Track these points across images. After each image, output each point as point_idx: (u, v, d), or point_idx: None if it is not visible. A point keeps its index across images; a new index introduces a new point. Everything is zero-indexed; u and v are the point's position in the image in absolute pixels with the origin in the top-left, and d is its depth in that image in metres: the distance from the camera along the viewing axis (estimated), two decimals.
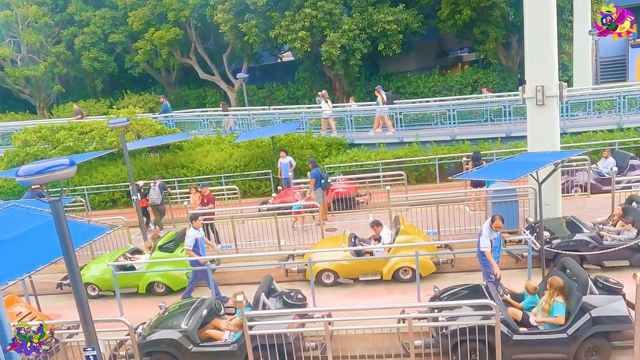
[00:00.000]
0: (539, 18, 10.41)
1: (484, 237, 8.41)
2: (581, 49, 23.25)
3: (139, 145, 18.27)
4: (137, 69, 28.69)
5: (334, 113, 19.83)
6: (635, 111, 17.38)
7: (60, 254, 5.62)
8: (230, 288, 10.29)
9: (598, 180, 13.86)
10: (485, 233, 8.44)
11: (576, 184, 13.97)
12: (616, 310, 6.81)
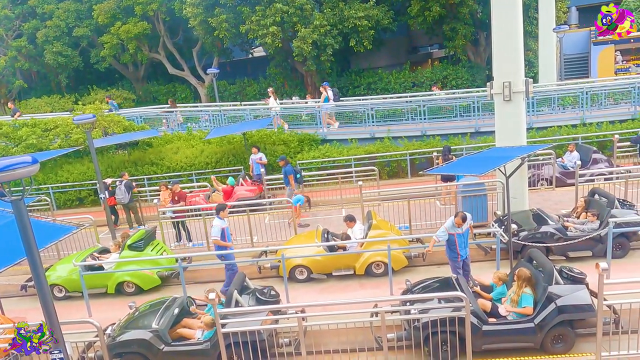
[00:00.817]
0: (505, 16, 10.61)
1: (442, 228, 8.73)
2: (546, 46, 23.88)
3: (106, 142, 17.81)
4: (104, 64, 27.96)
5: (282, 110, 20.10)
6: (597, 107, 17.97)
7: (23, 255, 5.44)
8: (203, 286, 10.16)
9: (563, 174, 14.29)
10: (445, 225, 8.71)
11: (542, 177, 14.37)
12: (580, 299, 7.04)
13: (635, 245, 9.87)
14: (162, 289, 10.79)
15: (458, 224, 8.59)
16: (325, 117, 19.02)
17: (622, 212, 9.77)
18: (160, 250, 11.36)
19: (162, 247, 11.63)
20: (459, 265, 8.70)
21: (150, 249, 11.17)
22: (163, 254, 11.28)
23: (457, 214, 8.70)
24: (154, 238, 11.69)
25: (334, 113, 19.22)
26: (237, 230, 12.59)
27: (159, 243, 11.71)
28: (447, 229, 8.63)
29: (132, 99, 28.52)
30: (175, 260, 11.06)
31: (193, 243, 13.01)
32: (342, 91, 25.58)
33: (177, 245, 12.98)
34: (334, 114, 19.19)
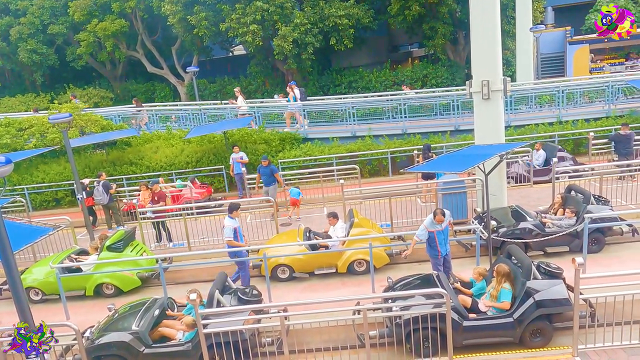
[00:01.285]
0: (483, 15, 10.74)
1: (421, 227, 8.81)
2: (523, 45, 24.28)
3: (83, 141, 17.47)
4: (80, 62, 27.44)
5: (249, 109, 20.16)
6: (572, 105, 18.34)
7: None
8: (184, 287, 10.07)
9: (529, 172, 14.48)
10: (424, 224, 8.79)
11: (509, 175, 14.49)
12: (557, 293, 7.18)
13: (610, 240, 10.11)
14: (142, 290, 10.64)
15: (439, 221, 8.67)
16: (291, 116, 19.10)
17: (597, 208, 10.00)
18: (140, 251, 11.21)
19: (142, 247, 11.49)
20: (440, 262, 8.79)
21: (130, 250, 11.01)
22: (143, 254, 11.13)
23: (436, 211, 8.78)
24: (133, 239, 11.53)
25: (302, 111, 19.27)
26: (219, 230, 12.49)
27: (138, 244, 11.56)
28: (427, 227, 8.71)
29: (110, 97, 28.05)
30: (155, 261, 10.94)
31: (173, 243, 12.87)
32: (323, 90, 25.61)
33: (158, 246, 12.82)
34: (301, 112, 19.24)
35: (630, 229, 10.00)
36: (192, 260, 11.29)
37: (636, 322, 6.76)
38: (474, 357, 7.01)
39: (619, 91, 18.08)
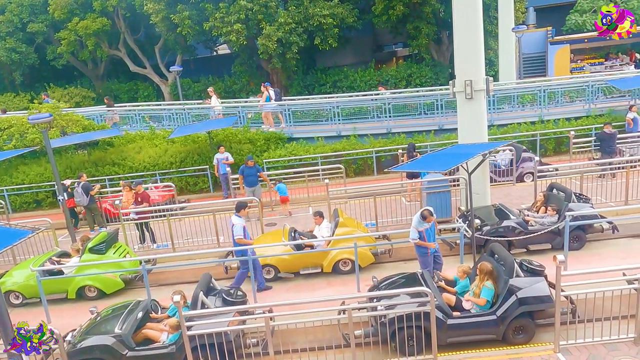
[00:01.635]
0: (466, 15, 10.83)
1: (412, 230, 8.78)
2: (506, 45, 24.55)
3: (64, 142, 17.21)
4: (61, 61, 27.01)
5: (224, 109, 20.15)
6: (554, 104, 18.61)
7: None
8: (168, 288, 9.98)
9: (494, 172, 14.55)
10: (413, 225, 8.78)
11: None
12: (539, 290, 7.26)
13: (591, 238, 10.27)
14: (126, 293, 10.51)
15: (429, 220, 8.72)
16: (270, 116, 19.14)
17: (578, 206, 10.15)
18: (123, 253, 11.07)
19: (125, 249, 11.34)
20: (430, 261, 8.82)
21: (113, 252, 10.87)
22: (126, 256, 10.99)
23: (424, 213, 8.79)
24: (116, 240, 11.38)
25: (278, 111, 19.34)
26: (203, 231, 12.41)
27: (121, 245, 11.41)
28: (417, 228, 8.73)
29: (92, 97, 27.66)
30: (139, 263, 10.80)
31: (157, 244, 12.74)
32: (308, 89, 25.60)
33: (141, 247, 12.68)
34: (278, 112, 19.28)
35: (610, 226, 10.18)
36: (176, 261, 11.19)
37: (615, 318, 6.88)
38: (458, 354, 7.07)
39: (598, 91, 18.40)
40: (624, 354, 6.61)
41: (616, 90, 18.21)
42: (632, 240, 10.25)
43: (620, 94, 18.31)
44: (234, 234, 9.65)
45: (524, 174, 14.60)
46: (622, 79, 18.06)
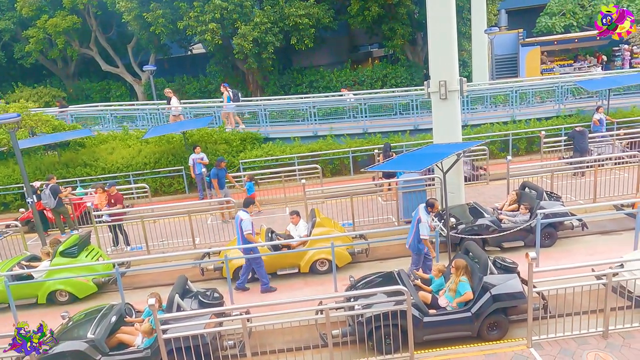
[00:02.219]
0: (440, 17, 10.97)
1: (424, 225, 8.73)
2: (479, 46, 24.97)
3: (33, 142, 16.74)
4: (29, 60, 26.27)
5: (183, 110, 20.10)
6: (525, 105, 19.03)
7: None
8: (143, 291, 9.82)
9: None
10: (424, 220, 8.75)
11: None
12: (512, 287, 7.41)
13: (561, 235, 10.54)
14: (99, 296, 10.30)
15: (436, 208, 8.89)
16: (231, 116, 19.18)
17: (549, 204, 10.40)
18: (96, 256, 10.83)
19: (98, 252, 11.10)
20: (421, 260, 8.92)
21: (85, 255, 10.62)
22: (99, 259, 10.76)
23: (432, 201, 8.90)
24: (88, 243, 11.13)
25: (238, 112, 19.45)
26: (179, 232, 12.25)
27: (94, 248, 11.16)
28: (429, 222, 8.78)
29: (63, 96, 26.98)
30: (112, 266, 10.59)
31: (131, 247, 12.51)
32: (284, 89, 25.55)
33: (115, 250, 12.43)
34: (236, 113, 19.35)
35: (580, 224, 10.47)
36: (151, 264, 11.01)
37: (585, 313, 7.08)
38: (435, 352, 7.15)
39: (568, 91, 18.89)
40: (593, 347, 6.81)
41: (584, 91, 18.74)
42: (600, 237, 10.58)
43: (588, 94, 18.85)
44: (242, 229, 9.49)
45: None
46: (590, 80, 18.61)
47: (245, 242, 9.55)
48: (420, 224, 8.76)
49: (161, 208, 14.19)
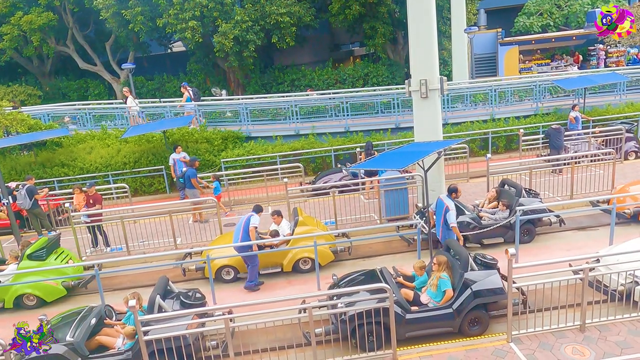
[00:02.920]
0: (420, 16, 11.06)
1: (452, 213, 8.89)
2: (458, 46, 25.27)
3: (8, 142, 16.35)
4: (4, 57, 25.61)
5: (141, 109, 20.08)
6: (504, 103, 19.32)
7: None
8: (124, 292, 9.66)
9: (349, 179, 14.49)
10: (452, 208, 8.92)
11: None
12: (492, 283, 7.53)
13: (540, 231, 10.73)
14: (75, 299, 10.12)
15: (459, 194, 9.20)
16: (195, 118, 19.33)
17: (528, 201, 10.58)
18: (66, 259, 10.62)
19: (68, 254, 10.88)
20: None
21: (54, 258, 10.41)
22: (69, 262, 10.56)
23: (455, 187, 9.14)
24: (58, 246, 10.90)
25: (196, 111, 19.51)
26: (160, 233, 12.11)
27: (63, 251, 10.95)
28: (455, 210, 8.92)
29: (38, 95, 26.40)
30: (83, 269, 10.40)
31: (111, 248, 12.32)
32: (266, 87, 25.44)
33: (94, 251, 12.23)
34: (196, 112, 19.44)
35: (557, 220, 10.67)
36: (132, 264, 10.84)
37: (563, 307, 7.23)
38: (417, 348, 7.21)
39: (545, 90, 19.25)
40: (571, 341, 6.95)
41: (561, 90, 19.11)
42: (577, 233, 10.81)
43: (565, 93, 19.23)
44: (249, 223, 9.51)
45: None
46: (567, 79, 18.98)
47: (245, 238, 9.53)
48: (448, 213, 8.91)
49: (141, 208, 14.00)
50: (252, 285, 9.60)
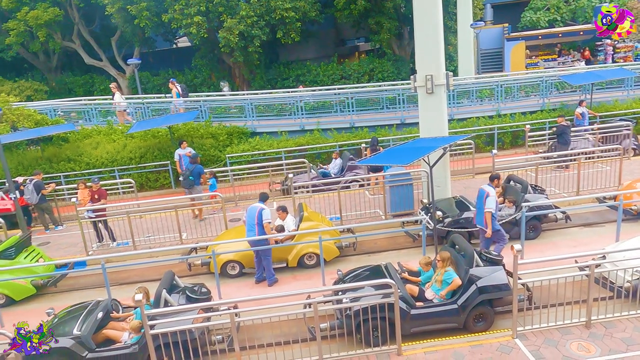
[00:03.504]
0: (426, 11, 10.99)
1: (492, 199, 8.95)
2: (464, 41, 25.12)
3: (15, 137, 16.44)
4: (10, 53, 25.72)
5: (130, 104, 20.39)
6: (510, 99, 19.22)
7: None
8: (130, 287, 9.77)
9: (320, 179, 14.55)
10: (492, 194, 8.99)
11: None
12: (498, 279, 7.51)
13: (546, 227, 10.70)
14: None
15: (499, 183, 9.30)
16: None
17: (534, 197, 10.54)
18: (36, 257, 10.69)
19: (39, 253, 10.94)
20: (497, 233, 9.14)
21: (24, 257, 10.47)
22: (39, 260, 10.60)
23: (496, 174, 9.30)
24: (29, 244, 10.97)
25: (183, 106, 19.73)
26: (166, 227, 12.17)
27: (34, 249, 11.01)
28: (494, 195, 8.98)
29: (45, 90, 26.50)
30: (54, 267, 10.49)
31: (117, 242, 12.39)
32: (271, 83, 25.41)
33: (100, 246, 12.30)
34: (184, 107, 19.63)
35: (563, 216, 10.63)
36: (139, 259, 10.91)
37: (568, 304, 7.21)
38: (422, 343, 7.23)
39: (552, 86, 19.12)
40: (577, 337, 6.94)
41: (568, 86, 18.98)
42: (583, 229, 10.77)
43: (572, 89, 19.10)
44: (262, 219, 9.48)
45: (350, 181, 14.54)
46: (574, 75, 18.84)
47: (261, 233, 9.51)
48: (488, 198, 8.96)
49: (147, 203, 14.06)
50: (274, 280, 9.63)
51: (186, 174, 13.11)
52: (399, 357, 6.94)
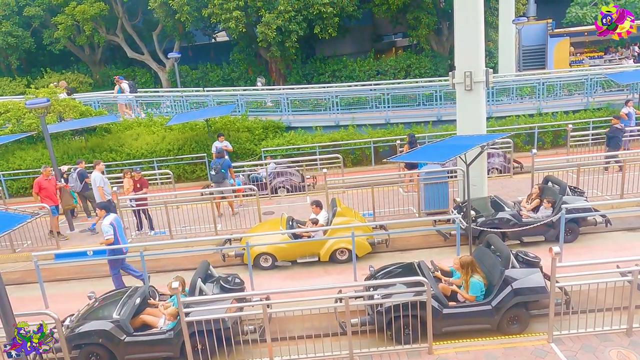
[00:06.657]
0: (467, 6, 10.78)
1: None
2: (506, 37, 24.48)
3: (61, 127, 17.14)
4: (58, 46, 26.79)
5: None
6: (552, 97, 18.64)
7: None
8: (166, 275, 10.05)
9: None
10: None
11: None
12: (534, 282, 7.33)
13: (584, 230, 10.35)
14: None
15: None
16: (122, 107, 20.44)
17: (572, 199, 10.21)
18: None
19: None
20: None
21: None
22: None
23: None
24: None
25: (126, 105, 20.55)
26: (201, 219, 12.44)
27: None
28: None
29: (89, 82, 27.51)
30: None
31: (155, 231, 12.76)
32: (307, 78, 25.51)
33: (139, 234, 12.71)
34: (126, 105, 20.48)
35: (603, 220, 10.26)
36: (175, 248, 11.20)
37: (608, 310, 6.98)
38: (453, 343, 7.15)
39: (597, 84, 18.42)
40: (616, 345, 6.71)
41: (615, 85, 18.24)
42: (626, 234, 10.36)
43: (619, 87, 18.35)
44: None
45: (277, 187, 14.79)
46: (621, 73, 18.09)
47: None
48: None
49: (184, 194, 14.41)
50: None
51: (217, 168, 13.26)
52: (430, 355, 6.90)
